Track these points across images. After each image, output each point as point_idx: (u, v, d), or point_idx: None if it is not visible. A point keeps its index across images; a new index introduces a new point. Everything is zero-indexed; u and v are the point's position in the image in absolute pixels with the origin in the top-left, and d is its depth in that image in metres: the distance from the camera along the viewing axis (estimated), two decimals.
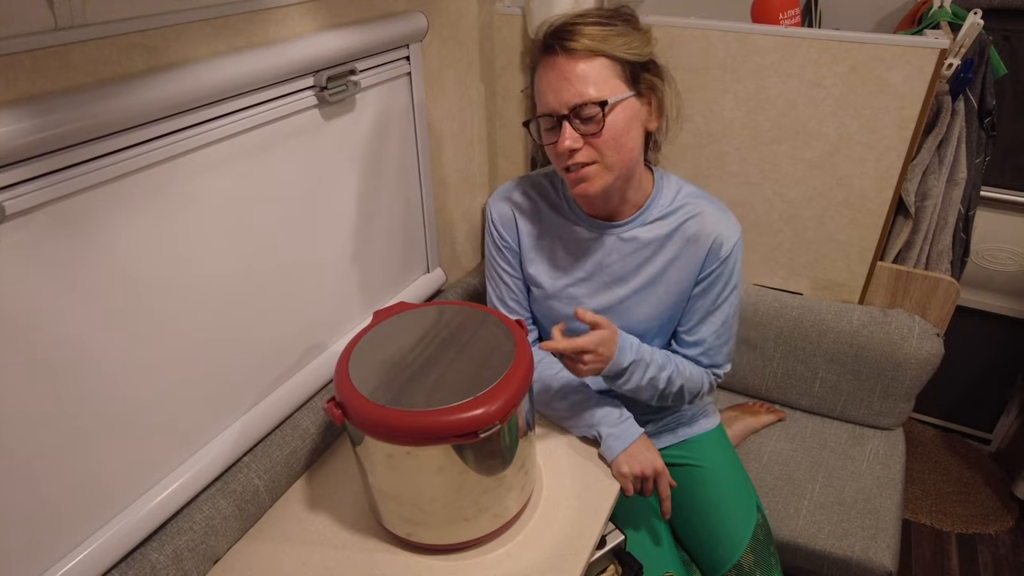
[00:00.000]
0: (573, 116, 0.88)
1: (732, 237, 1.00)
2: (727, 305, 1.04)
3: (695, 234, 1.01)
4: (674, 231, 1.02)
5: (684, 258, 1.02)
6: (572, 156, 0.91)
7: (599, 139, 0.89)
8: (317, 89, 0.98)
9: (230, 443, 0.96)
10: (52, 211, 0.68)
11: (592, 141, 0.90)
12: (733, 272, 1.03)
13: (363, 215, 1.16)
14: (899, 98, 1.25)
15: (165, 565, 0.84)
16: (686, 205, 1.02)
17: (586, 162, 0.91)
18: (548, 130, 0.93)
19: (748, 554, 1.09)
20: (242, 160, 0.89)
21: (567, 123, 0.89)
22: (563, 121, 0.89)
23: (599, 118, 0.88)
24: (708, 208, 1.01)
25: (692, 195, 1.03)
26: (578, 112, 0.88)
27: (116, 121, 0.71)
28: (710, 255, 1.01)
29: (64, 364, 0.72)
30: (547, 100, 0.90)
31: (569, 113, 0.88)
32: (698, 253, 1.02)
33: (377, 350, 0.90)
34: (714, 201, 1.03)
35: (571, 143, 0.89)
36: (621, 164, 0.93)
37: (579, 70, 0.87)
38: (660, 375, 1.02)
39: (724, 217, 1.01)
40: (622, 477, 1.00)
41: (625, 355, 0.97)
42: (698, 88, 1.40)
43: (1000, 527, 1.89)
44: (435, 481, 0.83)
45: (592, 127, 0.89)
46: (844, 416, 1.53)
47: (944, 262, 1.49)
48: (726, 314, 1.05)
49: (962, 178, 1.42)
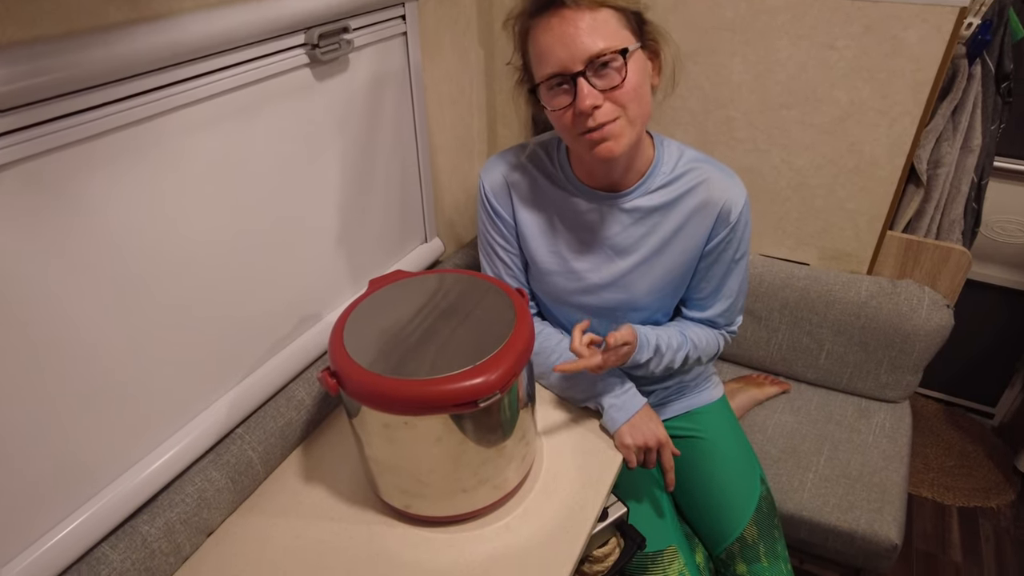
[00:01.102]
0: (587, 70, 0.83)
1: (740, 201, 0.97)
2: (740, 268, 1.02)
3: (702, 202, 0.97)
4: (678, 199, 0.98)
5: (691, 227, 0.99)
6: (593, 115, 0.84)
7: (621, 92, 0.84)
8: (309, 47, 0.94)
9: (223, 414, 0.93)
10: (23, 170, 0.64)
11: (613, 95, 0.84)
12: (744, 235, 0.99)
13: (357, 181, 1.12)
14: (915, 60, 1.20)
15: (157, 537, 0.82)
16: (690, 171, 0.98)
17: (608, 120, 0.85)
18: (556, 93, 0.87)
19: (751, 527, 1.07)
20: (230, 120, 0.85)
21: (583, 80, 0.83)
22: (577, 79, 0.83)
23: (621, 68, 0.83)
24: (713, 173, 0.97)
25: (695, 160, 0.99)
26: (595, 65, 0.83)
27: (93, 74, 0.66)
28: (719, 222, 0.97)
29: (43, 333, 0.69)
30: (556, 58, 0.84)
31: (585, 68, 0.83)
32: (705, 221, 0.98)
33: (373, 318, 0.87)
34: (718, 165, 0.99)
35: (592, 100, 0.83)
36: (642, 118, 0.88)
37: (589, 21, 0.82)
38: (676, 357, 1.02)
39: (730, 181, 0.97)
40: (625, 449, 0.98)
41: (642, 354, 0.97)
42: (705, 51, 1.35)
43: (1002, 500, 1.89)
44: (433, 452, 0.81)
45: (613, 79, 0.83)
46: (850, 389, 1.51)
47: (956, 232, 1.46)
48: (740, 277, 1.03)
49: (976, 145, 1.38)
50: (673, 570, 1.02)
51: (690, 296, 1.07)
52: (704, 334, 1.06)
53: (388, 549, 0.87)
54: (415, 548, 0.87)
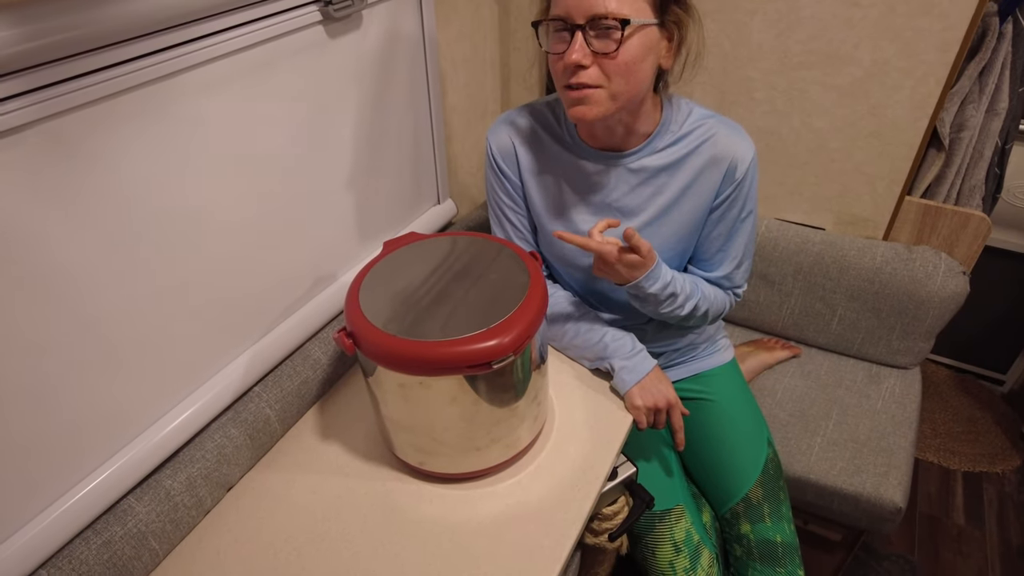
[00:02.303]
0: (589, 27, 0.81)
1: (747, 157, 0.95)
2: (745, 227, 1.01)
3: (709, 159, 0.96)
4: (686, 156, 0.96)
5: (698, 184, 0.98)
6: (576, 73, 0.83)
7: (610, 61, 0.82)
8: (322, 3, 0.92)
9: (240, 373, 0.95)
10: (43, 130, 0.64)
11: (602, 62, 0.82)
12: (749, 193, 0.98)
13: (370, 140, 1.11)
14: (943, 18, 1.16)
15: (179, 491, 0.84)
16: (698, 128, 0.96)
17: (590, 83, 0.84)
18: (557, 38, 0.85)
19: (757, 488, 1.09)
20: (244, 80, 0.84)
21: (580, 33, 0.81)
22: (576, 31, 0.81)
23: (616, 36, 0.81)
24: (721, 129, 0.96)
25: (703, 117, 0.97)
26: (596, 24, 0.81)
27: (108, 32, 0.66)
28: (725, 178, 0.96)
29: (65, 292, 0.70)
30: (565, 2, 0.82)
31: (585, 23, 0.81)
32: (713, 177, 0.97)
33: (388, 280, 0.87)
34: (726, 121, 0.97)
35: (579, 57, 0.81)
36: (627, 95, 0.86)
37: None
38: (686, 304, 1.00)
39: (738, 137, 0.96)
40: (635, 410, 0.99)
41: (650, 282, 0.93)
42: (725, 7, 1.32)
43: (1007, 466, 1.90)
44: (448, 411, 0.82)
45: (607, 45, 0.81)
46: (861, 354, 1.51)
47: (976, 198, 1.43)
48: (746, 237, 1.02)
49: (1003, 108, 1.35)
50: (680, 528, 1.04)
51: (696, 256, 1.07)
52: (713, 291, 1.06)
53: (402, 504, 0.89)
54: (429, 503, 0.89)
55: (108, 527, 0.78)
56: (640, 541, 1.07)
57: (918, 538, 1.72)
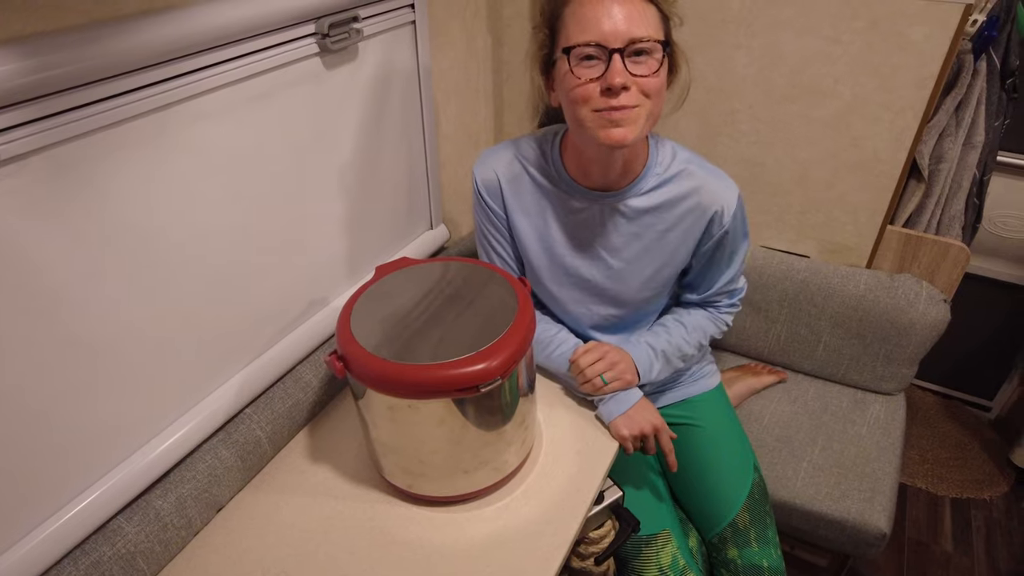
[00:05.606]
0: (626, 52, 0.82)
1: (732, 203, 0.98)
2: (739, 255, 1.06)
3: (695, 207, 0.99)
4: (671, 203, 0.99)
5: (682, 228, 1.01)
6: (618, 95, 0.83)
7: (651, 81, 0.84)
8: (319, 36, 0.95)
9: (232, 395, 0.96)
10: (47, 157, 0.66)
11: (643, 83, 0.84)
12: (738, 230, 1.02)
13: (365, 168, 1.14)
14: (919, 55, 1.21)
15: (169, 512, 0.85)
16: (681, 173, 0.98)
17: (631, 104, 0.84)
18: (585, 65, 0.84)
19: (743, 513, 1.10)
20: (242, 109, 0.87)
21: (618, 56, 0.82)
22: (613, 55, 0.82)
23: (658, 56, 0.83)
24: (705, 179, 0.98)
25: (687, 161, 0.99)
26: (632, 49, 0.82)
27: (111, 65, 0.69)
28: (713, 224, 0.99)
29: (61, 313, 0.72)
30: (599, 29, 0.81)
31: (624, 47, 0.82)
32: (698, 223, 1.00)
33: (379, 304, 0.89)
34: (709, 167, 1.00)
35: (623, 79, 0.82)
36: (656, 116, 0.88)
37: (640, 8, 0.82)
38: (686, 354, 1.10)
39: (722, 184, 0.98)
40: (621, 438, 1.01)
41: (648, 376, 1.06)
42: (711, 43, 1.36)
43: (995, 492, 1.91)
44: (436, 434, 0.83)
45: (650, 66, 0.83)
46: (846, 380, 1.53)
47: (955, 227, 1.47)
48: (739, 262, 1.07)
49: (979, 141, 1.39)
50: (666, 553, 1.05)
51: (693, 285, 1.10)
52: (704, 322, 1.09)
53: (390, 527, 0.90)
54: (417, 526, 0.90)
55: (97, 548, 0.79)
56: (627, 566, 1.07)
57: (907, 564, 1.73)
